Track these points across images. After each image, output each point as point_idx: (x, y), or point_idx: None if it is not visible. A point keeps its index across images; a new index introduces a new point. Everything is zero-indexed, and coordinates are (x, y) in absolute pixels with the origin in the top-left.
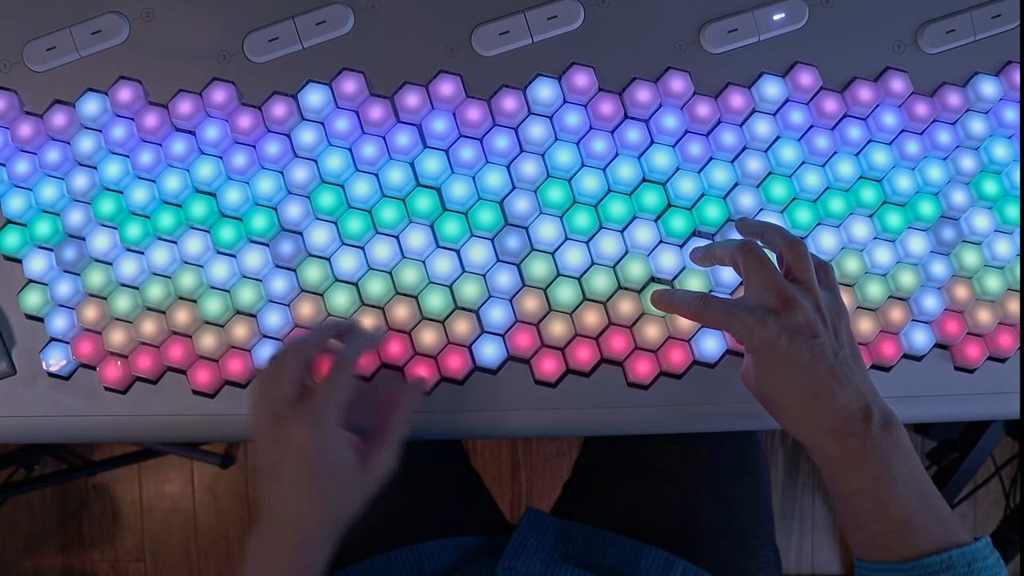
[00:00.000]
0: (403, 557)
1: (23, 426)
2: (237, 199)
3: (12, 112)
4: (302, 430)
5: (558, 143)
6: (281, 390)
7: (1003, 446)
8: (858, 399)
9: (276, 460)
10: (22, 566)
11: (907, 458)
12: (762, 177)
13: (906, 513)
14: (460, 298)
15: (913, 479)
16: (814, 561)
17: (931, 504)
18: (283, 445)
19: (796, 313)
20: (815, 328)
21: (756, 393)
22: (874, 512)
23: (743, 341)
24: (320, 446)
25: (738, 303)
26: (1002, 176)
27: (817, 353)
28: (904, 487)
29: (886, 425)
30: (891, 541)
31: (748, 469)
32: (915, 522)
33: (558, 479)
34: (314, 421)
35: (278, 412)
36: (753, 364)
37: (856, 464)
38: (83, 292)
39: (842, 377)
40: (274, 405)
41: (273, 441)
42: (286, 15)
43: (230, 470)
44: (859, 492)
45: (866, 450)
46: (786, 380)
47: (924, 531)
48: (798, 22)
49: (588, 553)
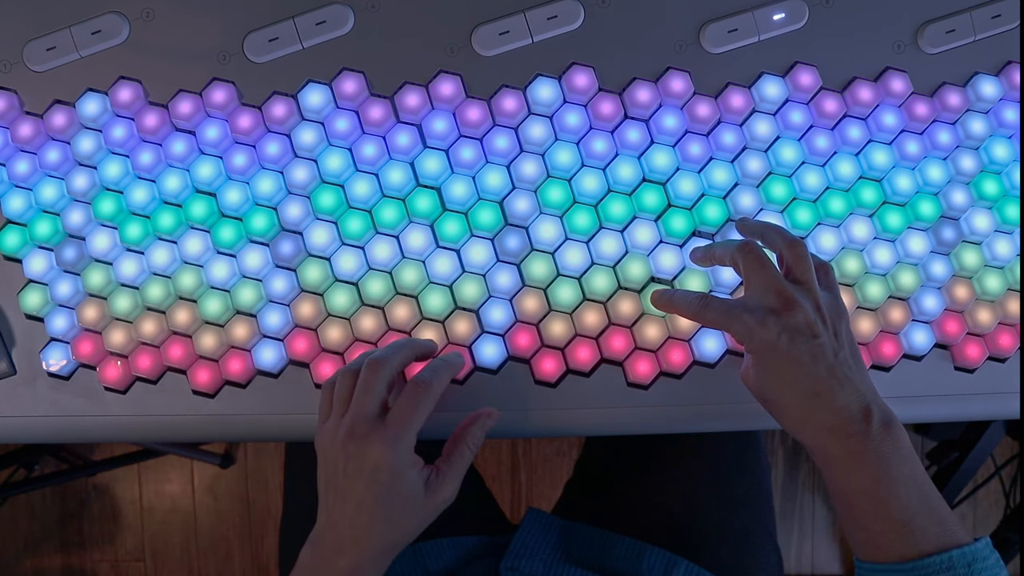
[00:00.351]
0: (405, 556)
1: (23, 426)
2: (237, 199)
3: (12, 112)
4: (380, 449)
5: (558, 143)
6: (367, 406)
7: (1003, 446)
8: (858, 399)
9: (346, 476)
10: (22, 566)
11: (907, 458)
12: (762, 177)
13: (906, 513)
14: (460, 298)
15: (913, 479)
16: (814, 561)
17: (931, 504)
18: (356, 463)
19: (796, 313)
20: (815, 328)
21: (756, 393)
22: (874, 512)
23: (743, 341)
24: (395, 468)
25: (738, 303)
26: (1002, 176)
27: (817, 353)
28: (904, 487)
29: (886, 425)
30: (891, 541)
31: (748, 469)
32: (915, 522)
33: (558, 479)
34: (393, 442)
35: (358, 429)
36: (753, 364)
37: (856, 464)
38: (83, 292)
39: (842, 377)
40: (356, 420)
41: (347, 457)
42: (286, 15)
43: (230, 470)
44: (859, 492)
45: (866, 450)
46: (786, 380)
47: (924, 531)
48: (798, 22)
49: (590, 553)
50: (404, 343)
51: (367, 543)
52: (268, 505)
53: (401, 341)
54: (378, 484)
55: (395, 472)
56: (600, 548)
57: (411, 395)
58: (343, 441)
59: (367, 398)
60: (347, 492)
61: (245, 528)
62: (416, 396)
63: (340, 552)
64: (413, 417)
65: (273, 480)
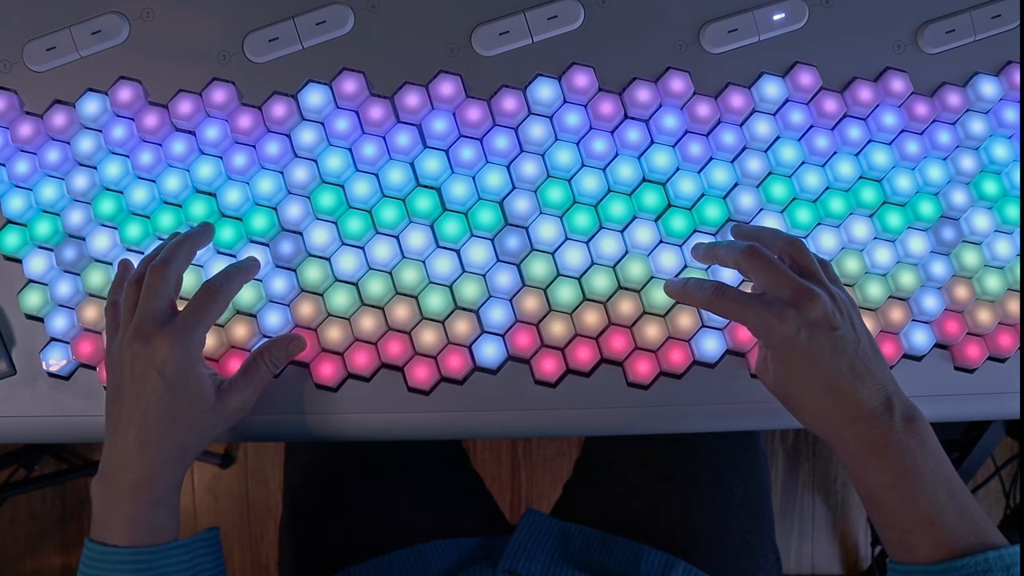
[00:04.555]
0: (404, 558)
1: (23, 426)
2: (237, 199)
3: (12, 112)
4: (167, 343)
5: (558, 143)
6: (154, 306)
7: (1003, 446)
8: (879, 392)
9: (133, 377)
10: (22, 566)
11: (932, 452)
12: (762, 177)
13: (933, 509)
14: (460, 298)
15: (939, 474)
16: (814, 561)
17: (960, 502)
18: (143, 363)
19: (815, 306)
20: (833, 320)
21: (773, 389)
22: (900, 508)
23: (760, 336)
24: (181, 363)
25: (754, 296)
26: (1002, 176)
27: (839, 346)
28: (930, 482)
29: (910, 418)
30: (920, 539)
31: (748, 470)
32: (943, 519)
33: (558, 479)
34: (181, 337)
35: (145, 326)
36: (772, 360)
37: (879, 457)
38: (83, 292)
39: (862, 370)
40: (142, 320)
41: (133, 358)
42: (286, 15)
43: (230, 470)
44: (884, 487)
45: (888, 443)
46: (806, 375)
47: (954, 530)
48: (798, 22)
49: (588, 555)
50: (179, 241)
51: (156, 447)
52: (268, 505)
53: (176, 240)
54: (165, 380)
55: (181, 368)
56: (598, 549)
57: (202, 297)
58: (130, 341)
59: (153, 299)
60: (135, 395)
61: (245, 528)
62: (207, 298)
63: (127, 467)
64: (202, 317)
65: (273, 480)
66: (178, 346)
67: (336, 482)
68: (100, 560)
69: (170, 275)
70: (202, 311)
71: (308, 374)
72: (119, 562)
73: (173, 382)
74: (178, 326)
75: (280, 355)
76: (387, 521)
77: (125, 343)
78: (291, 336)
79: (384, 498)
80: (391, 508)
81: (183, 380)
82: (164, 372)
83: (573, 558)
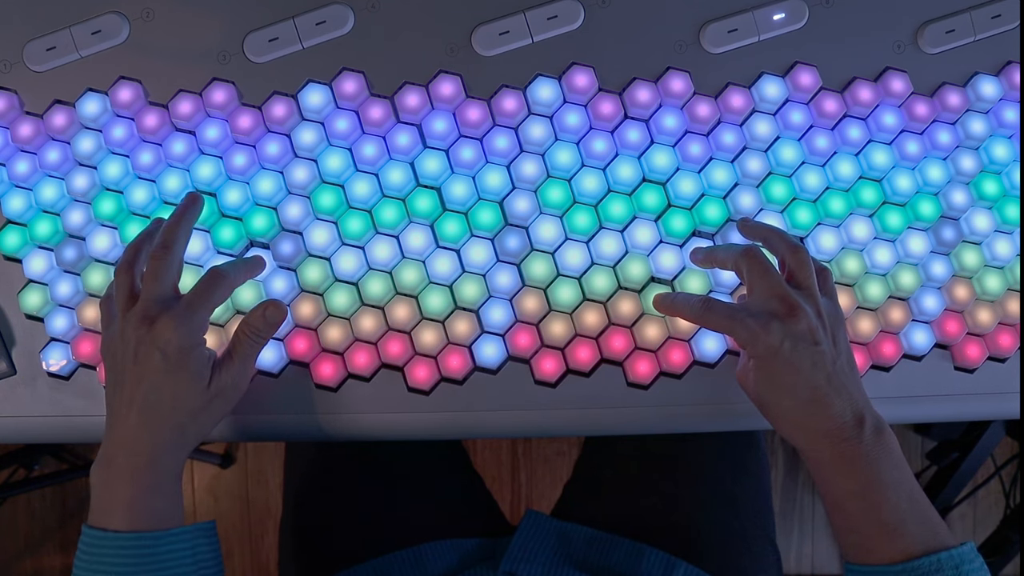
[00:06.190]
0: (404, 558)
1: (23, 426)
2: (237, 199)
3: (12, 112)
4: (172, 324)
5: (558, 143)
6: (158, 290)
7: (1003, 446)
8: (852, 407)
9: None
10: (22, 566)
11: (897, 464)
12: (762, 177)
13: (896, 516)
14: (460, 298)
15: (903, 484)
16: (814, 561)
17: (920, 509)
18: (147, 345)
19: (800, 320)
20: (816, 335)
21: (753, 396)
22: (865, 515)
23: (745, 345)
24: (183, 344)
25: (741, 308)
26: (1002, 176)
27: (818, 361)
28: (895, 491)
29: (878, 432)
30: (881, 544)
31: (748, 469)
32: (905, 526)
33: (558, 479)
34: (185, 318)
35: (151, 310)
36: (754, 368)
37: (849, 468)
38: (83, 292)
39: (838, 385)
40: (148, 303)
41: (138, 341)
42: (286, 15)
43: (230, 470)
44: (851, 495)
45: (858, 455)
46: (786, 386)
47: (913, 535)
48: (798, 22)
49: (589, 555)
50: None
51: (156, 427)
52: (268, 505)
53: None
54: (167, 359)
55: (184, 346)
56: (599, 550)
57: (208, 281)
58: (136, 325)
59: (156, 284)
60: (137, 377)
61: (245, 528)
62: (213, 282)
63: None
64: (207, 299)
65: (273, 480)
66: (182, 326)
67: (336, 482)
68: (99, 546)
69: (171, 259)
70: (208, 294)
71: (308, 374)
72: (119, 547)
73: (174, 360)
74: (183, 306)
75: (257, 323)
76: (387, 521)
77: (131, 327)
78: (265, 303)
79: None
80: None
81: (184, 358)
82: (166, 351)
83: (574, 559)
